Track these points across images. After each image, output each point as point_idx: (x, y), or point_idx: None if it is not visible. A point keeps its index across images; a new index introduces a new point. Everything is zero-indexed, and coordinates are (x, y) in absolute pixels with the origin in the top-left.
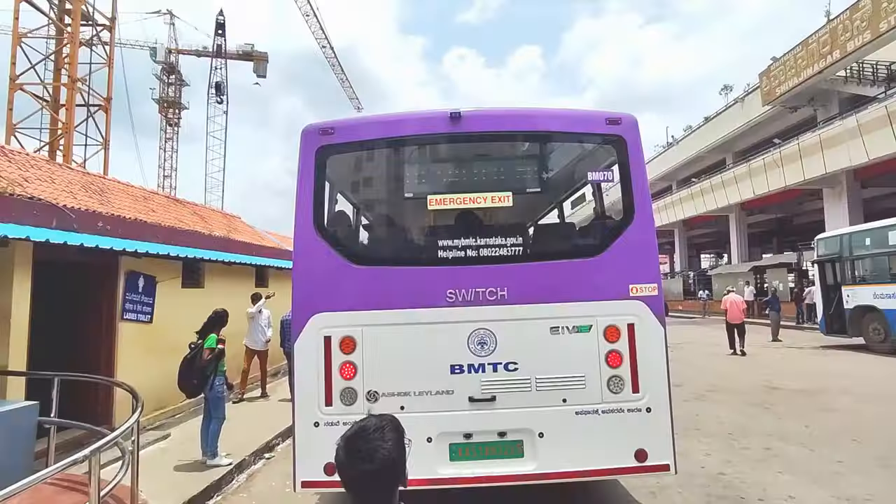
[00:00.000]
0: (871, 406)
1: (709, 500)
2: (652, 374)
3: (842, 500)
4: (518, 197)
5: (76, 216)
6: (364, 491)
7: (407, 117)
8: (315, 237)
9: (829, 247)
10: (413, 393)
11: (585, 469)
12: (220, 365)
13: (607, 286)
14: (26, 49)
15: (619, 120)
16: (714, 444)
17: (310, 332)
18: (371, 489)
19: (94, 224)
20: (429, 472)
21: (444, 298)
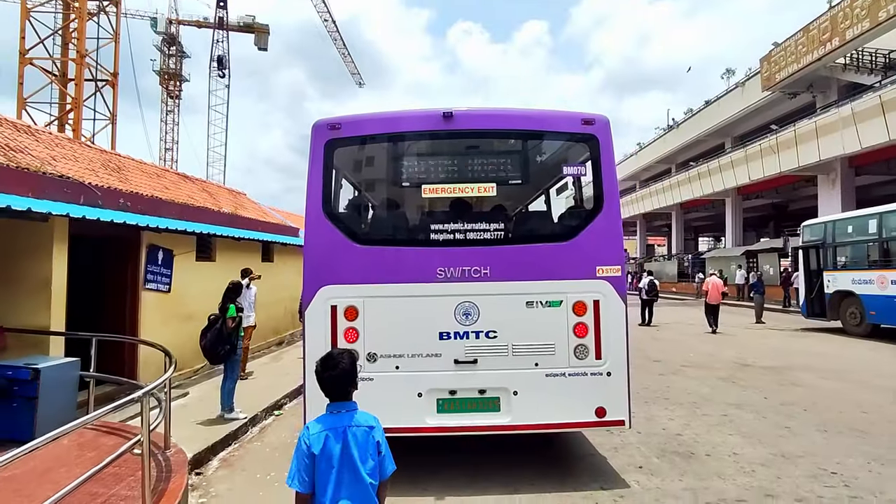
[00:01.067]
0: (830, 382)
1: (663, 454)
2: (613, 343)
3: (777, 456)
4: (501, 187)
5: (101, 193)
6: (330, 388)
7: (405, 115)
8: (323, 219)
9: (813, 233)
10: (407, 355)
11: (552, 422)
12: (238, 331)
13: (577, 267)
14: (35, 23)
15: (593, 120)
16: (678, 411)
17: (319, 302)
18: (334, 387)
19: (116, 201)
20: (419, 422)
21: (435, 275)
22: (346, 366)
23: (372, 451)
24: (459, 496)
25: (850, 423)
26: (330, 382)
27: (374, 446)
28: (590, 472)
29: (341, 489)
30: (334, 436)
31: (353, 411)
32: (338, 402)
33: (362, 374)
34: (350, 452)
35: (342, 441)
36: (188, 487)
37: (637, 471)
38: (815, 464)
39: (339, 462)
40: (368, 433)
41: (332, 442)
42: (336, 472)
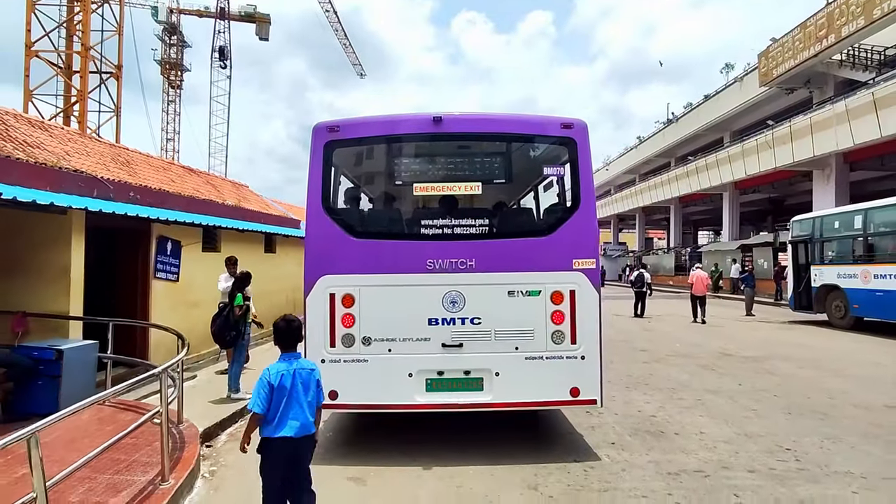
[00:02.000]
0: (806, 371)
1: (635, 432)
2: (587, 329)
3: (740, 435)
4: (486, 186)
5: (113, 187)
6: (286, 339)
7: (398, 119)
8: (323, 214)
9: (802, 228)
10: (398, 339)
11: (531, 401)
12: (246, 318)
13: (555, 260)
14: (40, 16)
15: (572, 125)
16: (656, 395)
17: (318, 290)
18: (289, 339)
19: (127, 194)
20: (409, 399)
21: (425, 266)
22: (297, 325)
23: (312, 386)
24: (445, 466)
25: (815, 407)
26: (287, 334)
27: (315, 383)
28: (566, 448)
29: (289, 411)
30: (287, 374)
31: (299, 358)
32: (288, 352)
33: (358, 356)
34: (297, 386)
35: (292, 378)
36: (200, 457)
37: (609, 446)
38: (773, 441)
39: (289, 392)
40: (311, 373)
41: (286, 378)
42: (286, 399)
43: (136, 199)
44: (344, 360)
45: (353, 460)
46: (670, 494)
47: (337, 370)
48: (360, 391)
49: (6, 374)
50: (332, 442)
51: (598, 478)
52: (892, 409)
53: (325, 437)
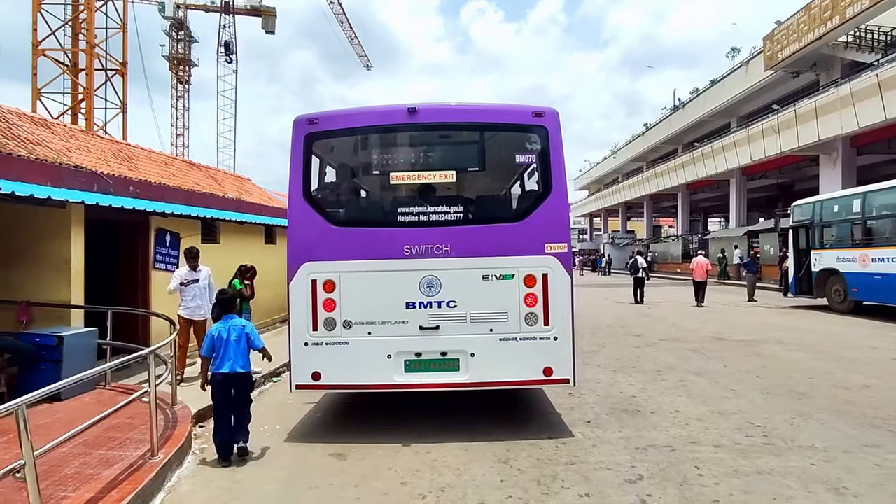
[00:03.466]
0: (794, 353)
1: (612, 411)
2: (559, 312)
3: (714, 413)
4: (461, 174)
5: (112, 181)
6: (224, 306)
7: (375, 110)
8: (304, 204)
9: (803, 213)
10: (378, 322)
11: (505, 380)
12: (244, 305)
13: (528, 245)
14: (46, 15)
15: (543, 113)
16: (640, 377)
17: (301, 277)
18: (226, 305)
19: (126, 188)
20: (389, 380)
21: (402, 252)
22: (230, 296)
23: (243, 338)
24: (423, 443)
25: (794, 386)
26: (223, 304)
27: (245, 336)
28: (542, 426)
29: (225, 355)
30: (223, 330)
31: (234, 318)
32: (227, 314)
33: (339, 339)
34: (230, 338)
35: (227, 332)
36: (192, 435)
37: (585, 424)
38: (744, 419)
39: (225, 342)
40: (242, 328)
41: (223, 332)
42: (223, 347)
43: (135, 192)
44: (326, 342)
45: (336, 438)
46: (634, 467)
47: (319, 353)
48: (341, 372)
49: (10, 360)
50: (318, 421)
51: (567, 453)
52: (868, 389)
53: (314, 417)
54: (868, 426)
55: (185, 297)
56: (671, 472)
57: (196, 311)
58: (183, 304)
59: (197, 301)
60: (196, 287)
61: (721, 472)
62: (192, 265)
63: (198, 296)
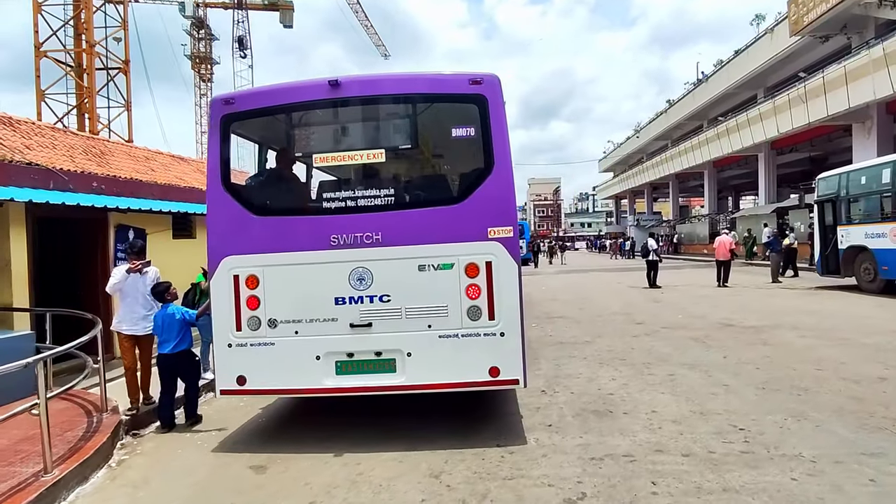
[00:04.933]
0: (807, 340)
1: (581, 413)
2: (506, 304)
3: (695, 413)
4: (391, 153)
5: (69, 178)
6: (159, 296)
7: (295, 86)
8: (222, 192)
9: (828, 186)
10: (305, 320)
11: (447, 382)
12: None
13: (468, 229)
14: (47, 17)
15: (481, 80)
16: (626, 371)
17: (222, 272)
18: (160, 296)
19: (89, 184)
20: (318, 383)
21: (329, 242)
22: (163, 289)
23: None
24: (358, 453)
25: (797, 380)
26: (157, 294)
27: (179, 318)
28: (496, 431)
29: (162, 337)
30: (160, 317)
31: (169, 306)
32: (164, 304)
33: (264, 340)
34: (166, 323)
35: (163, 318)
36: (114, 446)
37: (544, 429)
38: (728, 420)
39: (162, 327)
40: (174, 313)
41: (159, 319)
42: (161, 331)
43: (99, 189)
44: (250, 343)
45: (267, 447)
46: (580, 482)
47: (244, 354)
48: (267, 376)
49: None
50: (258, 427)
51: (512, 464)
52: (883, 382)
53: (256, 422)
54: (872, 429)
55: (124, 305)
56: (621, 489)
57: (137, 322)
58: (119, 315)
59: (139, 310)
60: (138, 292)
61: (679, 489)
62: (133, 264)
63: (141, 304)
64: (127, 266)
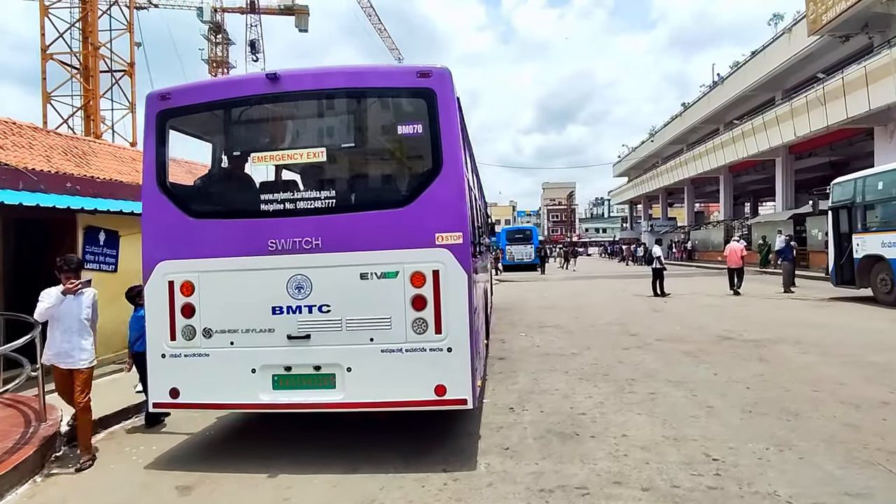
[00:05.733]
0: (809, 356)
1: (544, 435)
2: (454, 317)
3: (668, 439)
4: (333, 152)
5: (40, 178)
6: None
7: (231, 80)
8: (158, 193)
9: (844, 192)
10: (241, 330)
11: (388, 400)
12: None
13: (414, 235)
14: (53, 19)
15: (430, 73)
16: (606, 388)
17: (156, 277)
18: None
19: (62, 185)
20: (254, 398)
21: (267, 247)
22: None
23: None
24: (294, 475)
25: (788, 403)
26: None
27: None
28: (448, 453)
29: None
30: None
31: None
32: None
33: (199, 350)
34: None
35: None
36: (46, 458)
37: (499, 452)
38: (703, 448)
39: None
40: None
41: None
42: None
43: (73, 189)
44: (185, 354)
45: (203, 465)
46: None
47: (178, 366)
48: (201, 389)
49: None
50: (202, 442)
51: (451, 494)
52: (885, 407)
53: (203, 436)
54: (862, 464)
55: (57, 333)
56: None
57: (65, 354)
58: (51, 345)
59: (69, 339)
60: (73, 318)
61: None
62: (67, 285)
63: (77, 331)
64: (62, 287)
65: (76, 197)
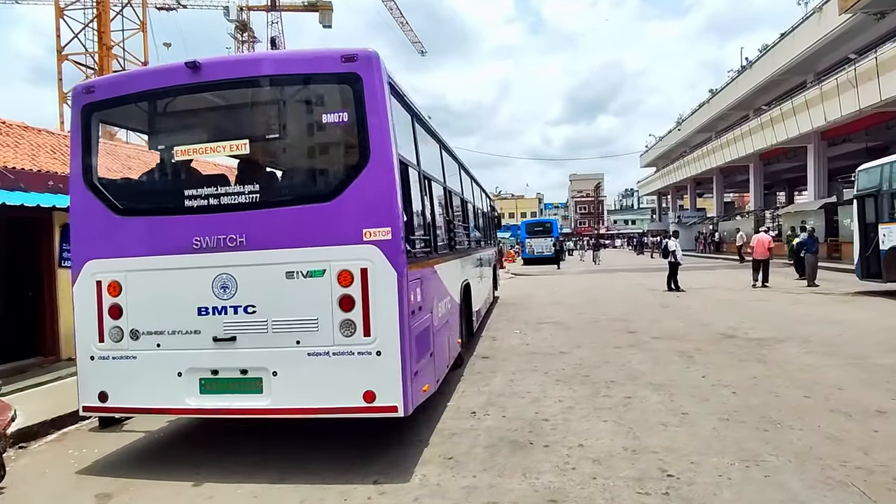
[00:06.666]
0: (813, 357)
1: (496, 444)
2: (384, 318)
3: (627, 451)
4: (257, 144)
5: (19, 177)
6: None
7: (152, 71)
8: (84, 190)
9: (870, 179)
10: (167, 332)
11: (315, 407)
12: None
13: (341, 231)
14: (69, 21)
15: (355, 56)
16: (581, 392)
17: (84, 277)
18: None
19: (44, 183)
20: (180, 403)
21: (192, 245)
22: None
23: None
24: (220, 483)
25: (772, 410)
26: None
27: None
28: (387, 462)
29: None
30: None
31: None
32: None
33: (126, 353)
34: None
35: None
36: None
37: (441, 463)
38: (661, 462)
39: None
40: None
41: None
42: None
43: (55, 188)
44: (112, 356)
45: (133, 470)
46: None
47: (106, 368)
48: (129, 392)
49: None
50: (149, 445)
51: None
52: (881, 417)
53: (151, 438)
54: (834, 484)
55: None
56: None
57: None
58: None
59: None
60: None
61: None
62: None
63: None
64: None
65: (48, 195)
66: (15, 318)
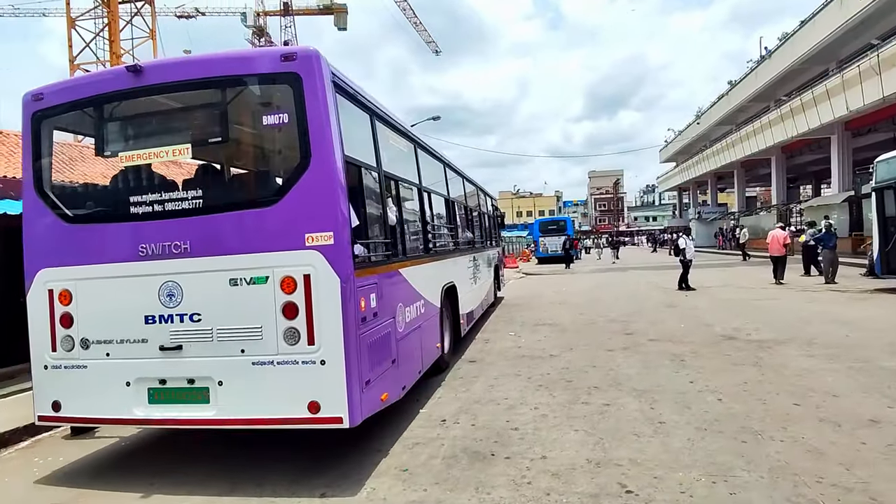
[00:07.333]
0: (811, 362)
1: (457, 455)
2: (328, 326)
3: (591, 463)
4: (199, 148)
5: (6, 185)
6: None
7: (95, 77)
8: (35, 198)
9: (890, 170)
10: (116, 341)
11: (260, 417)
12: None
13: (283, 236)
14: (80, 30)
15: (294, 56)
16: (561, 397)
17: (37, 286)
18: None
19: None
20: (128, 413)
21: (138, 252)
22: None
23: None
24: (169, 495)
25: (755, 420)
26: None
27: None
28: (338, 474)
29: None
30: None
31: None
32: None
33: (77, 362)
34: None
35: None
36: None
37: (394, 475)
38: (622, 477)
39: None
40: None
41: None
42: None
43: None
44: (65, 366)
45: (91, 480)
46: None
47: (58, 378)
48: (80, 402)
49: None
50: (112, 453)
51: None
52: (871, 426)
53: (118, 446)
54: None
55: None
56: None
57: None
58: None
59: None
60: None
61: None
62: None
63: None
64: None
65: None
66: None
